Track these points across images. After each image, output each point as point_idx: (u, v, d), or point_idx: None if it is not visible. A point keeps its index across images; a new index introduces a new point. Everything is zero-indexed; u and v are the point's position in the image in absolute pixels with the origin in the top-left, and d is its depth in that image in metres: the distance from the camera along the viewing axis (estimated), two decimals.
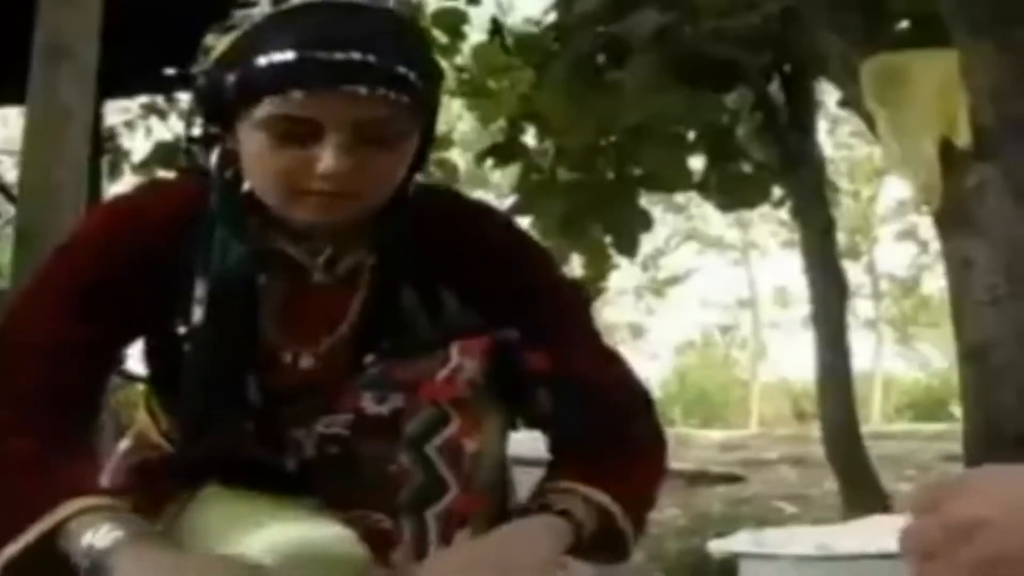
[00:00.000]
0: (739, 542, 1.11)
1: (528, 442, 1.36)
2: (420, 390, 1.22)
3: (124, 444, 1.40)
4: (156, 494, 1.28)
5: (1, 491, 1.18)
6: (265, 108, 1.16)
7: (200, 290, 1.24)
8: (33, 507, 1.15)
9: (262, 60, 1.15)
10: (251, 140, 1.19)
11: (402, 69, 1.16)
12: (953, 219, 2.93)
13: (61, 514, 1.13)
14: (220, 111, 1.21)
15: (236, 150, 1.23)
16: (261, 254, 1.26)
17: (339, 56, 1.14)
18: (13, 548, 1.14)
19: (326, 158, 1.16)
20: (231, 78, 1.18)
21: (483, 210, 1.40)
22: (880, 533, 1.12)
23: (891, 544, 1.05)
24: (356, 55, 1.14)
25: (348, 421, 1.25)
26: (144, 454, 1.36)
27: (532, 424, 1.31)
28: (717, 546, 1.09)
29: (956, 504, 0.69)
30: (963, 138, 2.85)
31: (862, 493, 4.71)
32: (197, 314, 1.24)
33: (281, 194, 1.21)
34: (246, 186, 1.24)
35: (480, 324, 1.27)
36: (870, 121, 3.23)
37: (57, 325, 1.24)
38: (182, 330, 1.25)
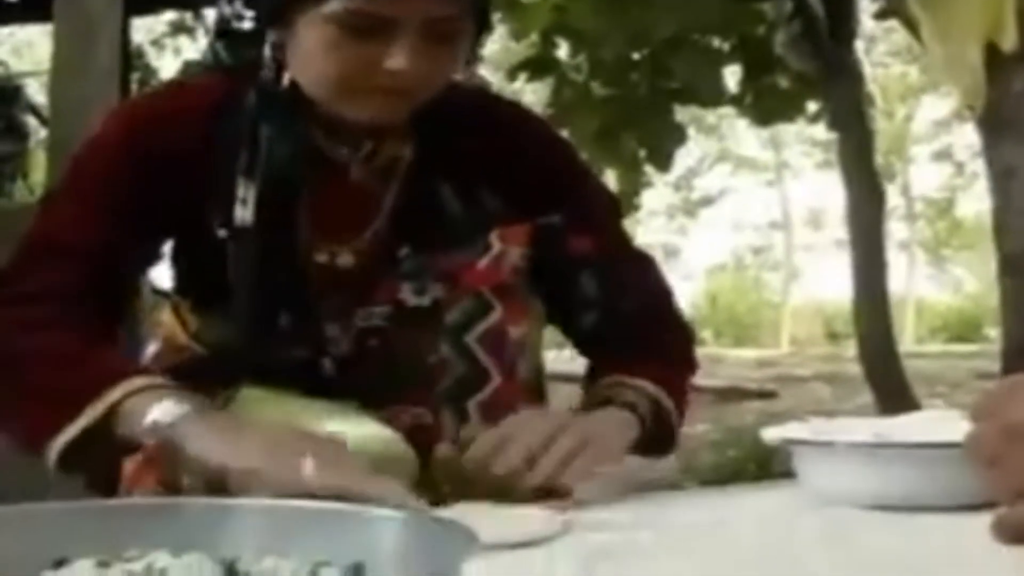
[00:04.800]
0: (793, 430, 1.09)
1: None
2: (461, 279, 1.21)
3: (152, 348, 1.38)
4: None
5: (45, 383, 1.17)
6: (338, 1, 1.13)
7: (244, 190, 1.21)
8: (81, 394, 1.12)
9: None
10: (314, 34, 1.16)
11: None
12: (997, 125, 2.88)
13: (117, 394, 1.11)
14: (278, 3, 1.18)
15: (283, 45, 1.20)
16: (303, 152, 1.24)
17: None
18: (70, 432, 1.11)
19: (398, 56, 1.13)
20: None
21: (521, 111, 1.38)
22: (935, 424, 1.10)
23: (946, 434, 1.04)
24: None
25: (387, 313, 1.23)
26: (175, 357, 1.34)
27: (570, 316, 1.29)
28: (770, 434, 1.07)
29: (1012, 407, 0.68)
30: (1009, 42, 2.78)
31: (898, 408, 4.70)
32: (242, 214, 1.21)
33: (340, 91, 1.18)
34: (285, 82, 1.21)
35: (520, 214, 1.25)
36: (913, 27, 3.16)
37: (91, 226, 1.22)
38: (222, 232, 1.23)
